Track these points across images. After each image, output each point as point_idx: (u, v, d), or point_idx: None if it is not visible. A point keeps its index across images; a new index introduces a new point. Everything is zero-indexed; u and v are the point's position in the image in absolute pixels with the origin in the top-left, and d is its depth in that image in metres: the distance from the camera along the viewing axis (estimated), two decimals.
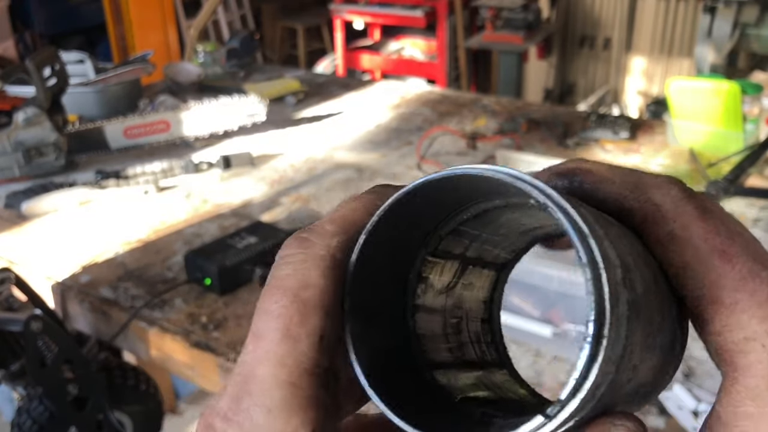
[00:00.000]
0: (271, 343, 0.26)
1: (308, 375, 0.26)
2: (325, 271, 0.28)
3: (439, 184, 0.28)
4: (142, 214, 1.71)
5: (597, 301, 0.24)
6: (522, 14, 4.45)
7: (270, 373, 0.26)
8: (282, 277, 0.27)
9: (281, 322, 0.27)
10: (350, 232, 0.29)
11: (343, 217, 0.29)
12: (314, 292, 0.27)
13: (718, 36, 3.11)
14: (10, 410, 1.59)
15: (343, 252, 0.28)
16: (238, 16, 5.72)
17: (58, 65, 1.89)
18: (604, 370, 0.24)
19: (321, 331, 0.27)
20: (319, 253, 0.28)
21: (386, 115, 2.37)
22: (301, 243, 0.28)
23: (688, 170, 1.84)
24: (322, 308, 0.27)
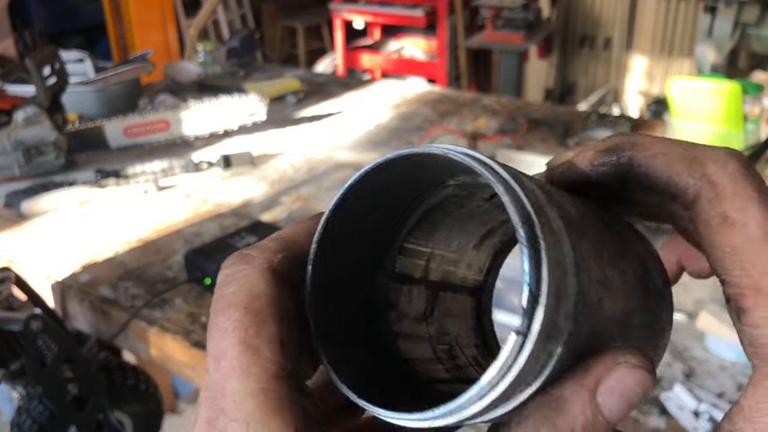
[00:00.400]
0: (232, 359, 0.27)
1: (276, 379, 0.26)
2: (270, 281, 0.28)
3: (374, 176, 0.28)
4: (142, 214, 1.71)
5: (518, 208, 0.23)
6: (522, 14, 4.45)
7: (238, 386, 0.26)
8: (229, 294, 0.28)
9: (237, 336, 0.27)
10: (292, 249, 0.29)
11: (285, 237, 0.30)
12: (264, 302, 0.27)
13: (719, 36, 3.11)
14: (9, 410, 1.59)
15: (285, 267, 0.29)
16: (238, 16, 5.72)
17: (58, 64, 1.89)
18: (554, 272, 0.23)
19: (280, 337, 0.27)
20: (262, 266, 0.28)
21: (386, 114, 2.37)
22: (243, 259, 0.29)
23: None
24: (275, 315, 0.27)
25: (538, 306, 0.23)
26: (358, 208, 0.29)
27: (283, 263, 0.29)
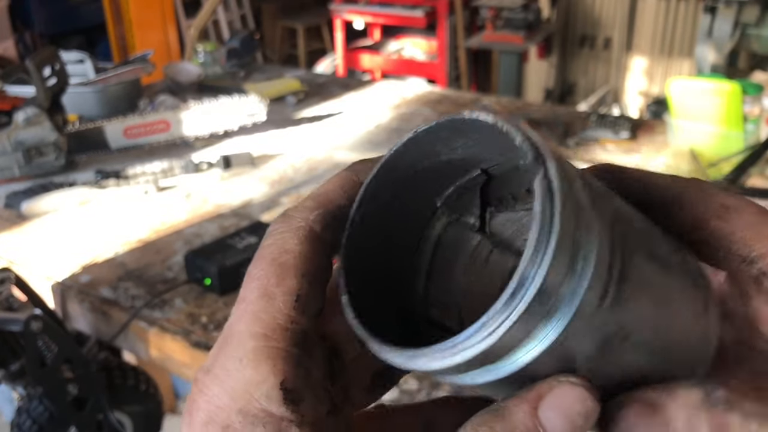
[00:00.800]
0: (249, 303, 0.29)
1: (281, 330, 0.28)
2: (302, 239, 0.30)
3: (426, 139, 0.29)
4: (142, 214, 1.71)
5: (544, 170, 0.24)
6: (522, 14, 4.45)
7: (245, 327, 0.28)
8: (264, 246, 0.30)
9: (260, 283, 0.29)
10: (327, 206, 0.31)
11: (322, 194, 0.32)
12: (291, 257, 0.29)
13: (719, 36, 3.11)
14: (9, 410, 1.59)
15: (321, 224, 0.31)
16: (238, 16, 5.72)
17: (58, 65, 1.89)
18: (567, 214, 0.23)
19: (296, 291, 0.29)
20: (297, 224, 0.30)
21: (386, 115, 2.37)
22: (284, 219, 0.31)
23: (689, 170, 1.84)
24: (298, 270, 0.29)
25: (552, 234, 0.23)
26: (402, 171, 0.30)
27: (318, 220, 0.31)
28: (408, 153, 0.30)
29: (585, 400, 0.25)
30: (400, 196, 0.31)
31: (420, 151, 0.30)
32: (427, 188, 0.32)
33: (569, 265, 0.23)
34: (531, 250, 0.23)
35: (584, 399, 0.25)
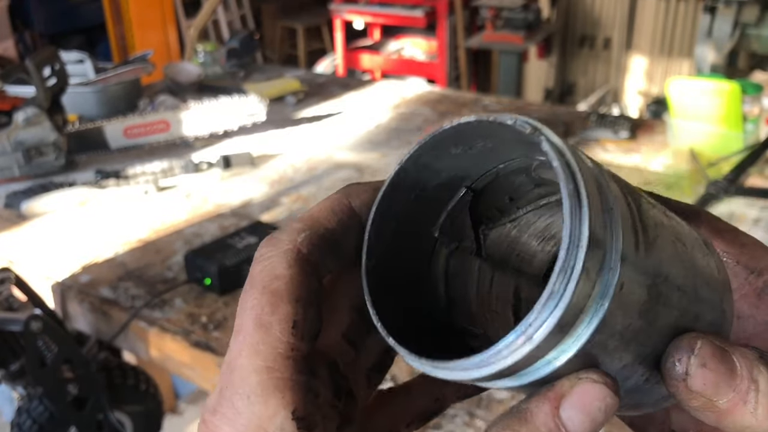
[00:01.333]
0: (246, 335, 0.28)
1: (283, 359, 0.28)
2: (291, 262, 0.29)
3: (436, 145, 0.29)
4: (142, 214, 1.71)
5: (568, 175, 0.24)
6: (522, 14, 4.45)
7: (246, 361, 0.28)
8: (254, 274, 0.30)
9: (254, 313, 0.28)
10: (315, 227, 0.31)
11: (310, 216, 0.31)
12: (282, 283, 0.29)
13: (719, 36, 3.11)
14: (9, 410, 1.59)
15: (308, 246, 0.30)
16: (238, 16, 5.72)
17: (58, 65, 1.89)
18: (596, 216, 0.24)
19: (293, 317, 0.28)
20: (285, 247, 0.30)
21: (386, 114, 2.37)
22: (271, 242, 0.30)
23: (689, 170, 1.84)
24: (291, 296, 0.29)
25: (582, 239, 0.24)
26: (415, 180, 0.31)
27: (305, 242, 0.30)
28: (400, 186, 0.30)
29: (605, 397, 0.25)
30: (402, 231, 0.32)
31: (410, 182, 0.30)
32: (423, 220, 0.33)
33: (603, 226, 0.24)
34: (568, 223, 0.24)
35: (605, 396, 0.25)
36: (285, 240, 0.30)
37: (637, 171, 1.85)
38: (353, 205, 0.32)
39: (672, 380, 0.27)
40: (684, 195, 1.71)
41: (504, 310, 0.35)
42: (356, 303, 0.32)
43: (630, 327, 0.25)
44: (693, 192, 1.70)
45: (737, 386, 0.26)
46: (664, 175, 1.83)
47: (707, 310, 0.29)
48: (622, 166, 1.89)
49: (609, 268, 0.24)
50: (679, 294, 0.27)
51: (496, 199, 0.33)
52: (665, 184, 1.78)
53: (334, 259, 0.31)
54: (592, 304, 0.24)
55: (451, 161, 0.30)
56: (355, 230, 0.32)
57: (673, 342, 0.27)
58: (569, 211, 0.24)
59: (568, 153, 0.25)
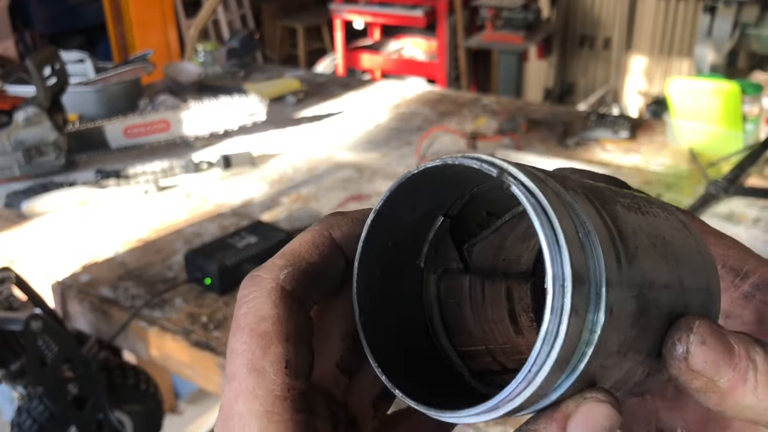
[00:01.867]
0: (241, 380, 0.28)
1: (281, 401, 0.28)
2: (276, 301, 0.29)
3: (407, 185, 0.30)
4: (142, 214, 1.71)
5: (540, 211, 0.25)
6: (522, 14, 4.45)
7: (244, 408, 0.28)
8: (240, 317, 0.29)
9: (245, 358, 0.28)
10: (297, 263, 0.31)
11: (291, 251, 0.31)
12: (269, 323, 0.29)
13: (718, 36, 3.11)
14: (10, 410, 1.59)
15: (291, 282, 0.30)
16: (238, 16, 5.72)
17: (58, 65, 1.89)
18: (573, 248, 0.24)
19: (285, 357, 0.28)
20: (268, 286, 0.29)
21: (386, 115, 2.37)
22: (253, 282, 0.30)
23: (689, 170, 1.85)
24: (280, 336, 0.29)
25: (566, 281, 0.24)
26: (395, 213, 0.31)
27: (288, 279, 0.30)
28: (378, 232, 0.31)
29: (610, 415, 0.26)
30: (389, 275, 0.32)
31: (387, 225, 0.31)
32: (406, 258, 0.33)
33: (582, 253, 0.25)
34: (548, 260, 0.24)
35: (609, 415, 0.26)
36: (267, 278, 0.30)
37: (637, 171, 1.85)
38: (334, 236, 0.32)
39: (674, 361, 0.27)
40: (684, 195, 1.71)
41: (500, 317, 0.35)
42: (346, 331, 0.32)
43: (625, 340, 0.26)
44: (693, 192, 1.71)
45: (736, 365, 0.27)
46: (664, 175, 1.83)
47: (695, 295, 0.30)
48: (622, 166, 1.90)
49: (596, 298, 0.25)
50: (667, 291, 0.28)
51: (475, 217, 0.34)
52: (665, 184, 1.78)
53: (319, 292, 0.31)
54: (587, 336, 0.25)
55: (424, 197, 0.31)
56: (337, 262, 0.32)
57: (673, 325, 0.28)
58: (549, 255, 0.24)
59: (539, 192, 0.25)
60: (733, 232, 1.51)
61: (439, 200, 0.32)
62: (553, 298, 0.24)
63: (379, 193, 1.78)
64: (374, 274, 0.32)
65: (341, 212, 0.33)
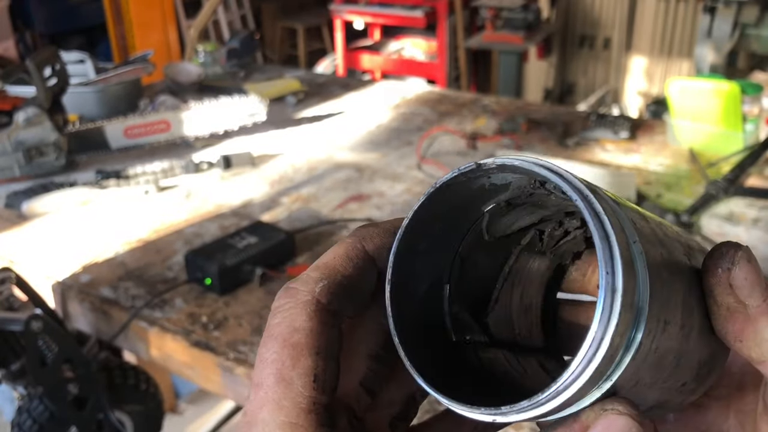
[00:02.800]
0: (268, 389, 0.28)
1: (306, 414, 0.28)
2: (311, 314, 0.29)
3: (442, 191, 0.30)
4: (142, 214, 1.71)
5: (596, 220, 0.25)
6: (522, 14, 4.45)
7: (269, 417, 0.28)
8: (273, 326, 0.29)
9: (275, 368, 0.28)
10: (332, 276, 0.31)
11: (326, 264, 0.31)
12: (302, 335, 0.29)
13: (718, 36, 3.11)
14: (10, 410, 1.60)
15: (327, 295, 0.30)
16: (239, 16, 5.72)
17: (59, 65, 1.89)
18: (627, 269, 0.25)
19: (314, 371, 0.28)
20: (304, 299, 0.30)
21: (386, 115, 2.37)
22: (288, 293, 0.30)
23: (688, 170, 1.85)
24: (311, 349, 0.29)
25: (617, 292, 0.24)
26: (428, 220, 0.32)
27: (324, 292, 0.30)
28: (409, 242, 0.31)
29: (630, 428, 0.26)
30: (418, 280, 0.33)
31: (417, 238, 0.31)
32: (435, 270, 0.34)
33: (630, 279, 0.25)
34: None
35: (630, 427, 0.26)
36: (303, 291, 0.30)
37: (636, 171, 1.85)
38: (367, 249, 0.32)
39: (716, 269, 0.28)
40: (684, 195, 1.71)
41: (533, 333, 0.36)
42: (373, 351, 0.33)
43: (654, 361, 0.27)
44: (693, 192, 1.71)
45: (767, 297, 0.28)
46: (664, 175, 1.83)
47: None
48: (622, 166, 1.90)
49: (639, 314, 0.25)
50: (682, 306, 0.28)
51: (478, 279, 0.35)
52: (665, 184, 1.78)
53: (353, 306, 0.32)
54: (624, 347, 0.25)
55: (417, 264, 0.32)
56: (371, 274, 0.32)
57: (724, 243, 0.29)
58: (604, 268, 0.25)
59: (609, 226, 0.25)
60: (733, 233, 1.51)
61: (433, 267, 0.33)
62: (602, 307, 0.24)
63: (380, 193, 1.78)
64: (406, 285, 0.32)
65: (373, 223, 0.33)
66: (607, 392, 0.26)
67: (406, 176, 1.88)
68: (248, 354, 1.19)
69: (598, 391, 0.26)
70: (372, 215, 1.66)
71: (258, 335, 1.23)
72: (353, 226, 1.60)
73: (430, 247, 0.32)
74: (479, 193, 0.32)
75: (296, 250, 1.47)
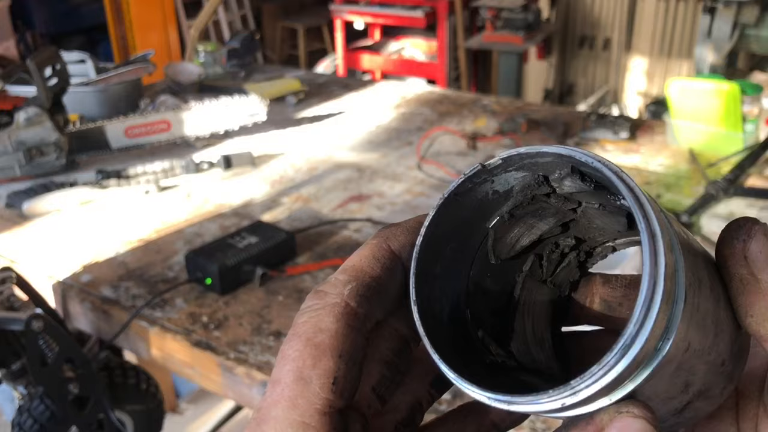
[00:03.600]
0: (285, 386, 0.28)
1: (320, 415, 0.28)
2: (337, 316, 0.29)
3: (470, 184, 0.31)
4: (143, 214, 1.71)
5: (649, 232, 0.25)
6: (522, 14, 4.46)
7: (283, 414, 0.28)
8: (298, 324, 0.29)
9: (294, 365, 0.28)
10: (361, 278, 0.31)
11: (353, 267, 0.31)
12: (326, 336, 0.29)
13: (718, 36, 3.11)
14: (11, 409, 1.60)
15: (356, 298, 0.30)
16: (239, 16, 5.72)
17: (59, 65, 1.89)
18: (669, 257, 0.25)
19: (334, 373, 0.28)
20: (332, 301, 0.29)
21: (386, 115, 2.38)
22: (317, 295, 0.30)
23: (688, 170, 1.85)
24: (334, 351, 0.28)
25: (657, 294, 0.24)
26: (452, 215, 0.32)
27: (353, 295, 0.30)
28: (426, 254, 0.31)
29: (646, 430, 0.25)
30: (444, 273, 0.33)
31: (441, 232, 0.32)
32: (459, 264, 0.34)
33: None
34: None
35: (646, 430, 0.25)
36: (332, 293, 0.30)
37: (636, 171, 1.86)
38: (393, 248, 0.32)
39: (732, 240, 0.28)
40: (683, 195, 1.71)
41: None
42: (387, 357, 0.32)
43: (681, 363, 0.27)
44: (692, 192, 1.71)
45: None
46: (664, 175, 1.83)
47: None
48: (622, 166, 1.90)
49: (675, 311, 0.25)
50: (710, 291, 0.28)
51: (491, 305, 0.35)
52: (665, 184, 1.78)
53: (382, 308, 0.31)
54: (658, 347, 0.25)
55: (434, 288, 0.32)
56: (398, 272, 0.32)
57: (742, 217, 0.29)
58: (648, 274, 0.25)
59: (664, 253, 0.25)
60: None
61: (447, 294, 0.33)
62: (644, 295, 0.24)
63: (380, 193, 1.78)
64: (430, 279, 0.32)
65: (395, 223, 0.33)
66: (627, 395, 0.25)
67: (406, 176, 1.88)
68: (248, 354, 1.20)
69: (621, 391, 0.25)
70: (372, 215, 1.66)
71: (258, 335, 1.24)
72: (353, 226, 1.60)
73: (444, 272, 0.32)
74: (484, 203, 0.32)
75: (297, 250, 1.47)
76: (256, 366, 1.16)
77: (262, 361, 1.17)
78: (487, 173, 0.29)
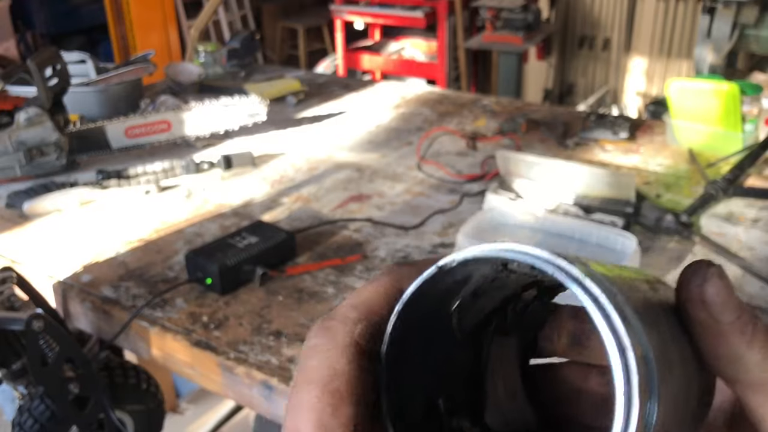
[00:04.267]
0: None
1: None
2: (350, 358, 0.28)
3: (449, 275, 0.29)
4: (143, 214, 1.71)
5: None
6: (522, 15, 4.46)
7: None
8: (310, 368, 0.28)
9: (314, 415, 0.27)
10: (371, 317, 0.30)
11: (364, 303, 0.30)
12: (343, 381, 0.28)
13: (718, 37, 3.12)
14: (11, 409, 1.60)
15: (366, 338, 0.29)
16: (239, 17, 5.72)
17: (60, 65, 1.90)
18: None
19: (354, 420, 0.27)
20: (344, 341, 0.28)
21: (386, 115, 2.38)
22: (326, 332, 0.29)
23: (688, 170, 1.85)
24: (353, 397, 0.28)
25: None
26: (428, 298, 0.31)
27: (363, 334, 0.29)
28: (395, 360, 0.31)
29: None
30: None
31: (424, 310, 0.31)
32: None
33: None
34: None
35: None
36: (342, 331, 0.29)
37: (636, 171, 1.86)
38: (404, 289, 0.31)
39: (689, 286, 0.28)
40: (683, 195, 1.71)
41: None
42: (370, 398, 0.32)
43: None
44: (692, 192, 1.71)
45: (740, 315, 0.28)
46: (664, 175, 1.84)
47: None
48: (622, 166, 1.90)
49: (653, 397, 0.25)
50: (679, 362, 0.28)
51: (464, 379, 0.35)
52: (664, 184, 1.78)
53: (380, 346, 0.31)
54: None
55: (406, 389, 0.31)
56: None
57: (696, 262, 0.29)
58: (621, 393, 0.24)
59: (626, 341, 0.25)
60: (733, 233, 1.52)
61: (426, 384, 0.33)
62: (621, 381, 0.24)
63: (380, 193, 1.79)
64: (400, 376, 0.31)
65: (409, 263, 0.32)
66: None
67: (406, 176, 1.88)
68: (248, 354, 1.20)
69: None
70: (372, 215, 1.66)
71: (258, 335, 1.24)
72: (353, 226, 1.60)
73: (413, 372, 0.32)
74: (445, 293, 0.31)
75: (297, 250, 1.48)
76: (256, 366, 1.16)
77: (261, 360, 1.18)
78: (445, 273, 0.29)
